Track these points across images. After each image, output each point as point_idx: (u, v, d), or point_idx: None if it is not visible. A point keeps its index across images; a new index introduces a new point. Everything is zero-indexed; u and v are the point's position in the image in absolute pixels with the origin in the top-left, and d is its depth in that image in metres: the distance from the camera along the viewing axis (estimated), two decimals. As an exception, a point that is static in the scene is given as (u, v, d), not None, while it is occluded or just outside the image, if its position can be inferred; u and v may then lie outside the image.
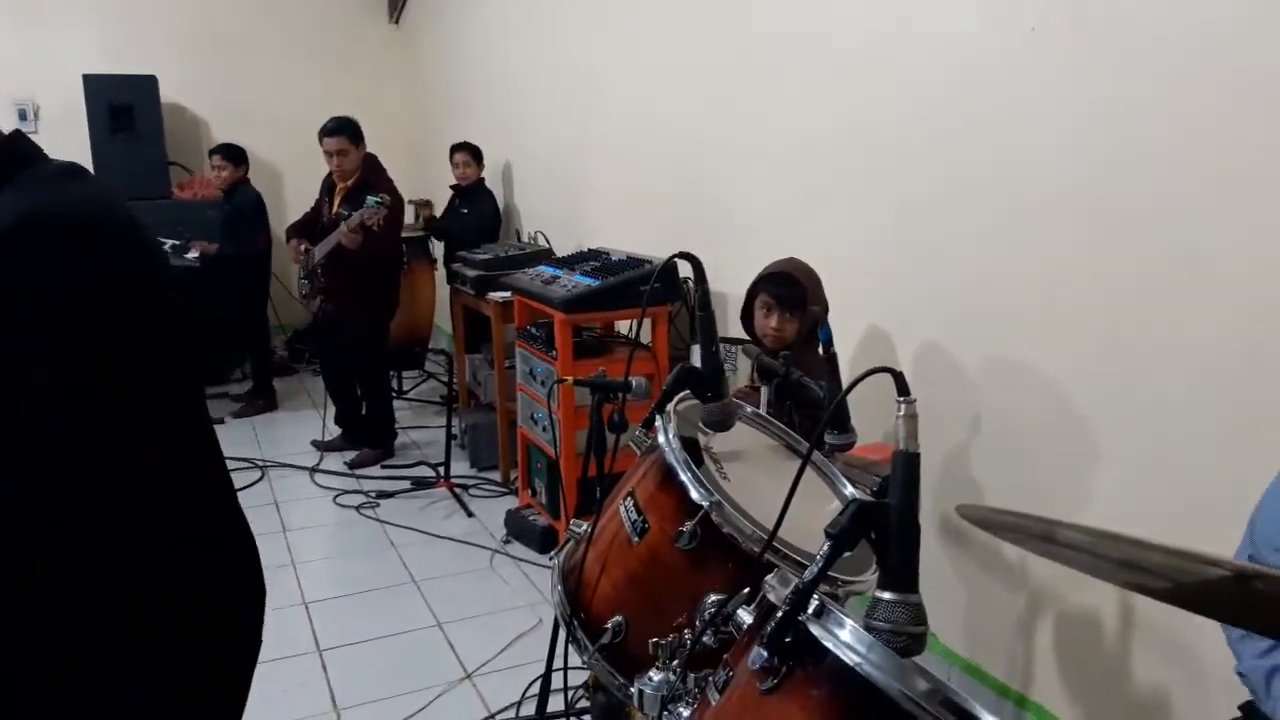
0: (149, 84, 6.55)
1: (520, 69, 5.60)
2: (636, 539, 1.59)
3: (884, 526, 1.21)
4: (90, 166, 6.07)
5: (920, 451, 1.20)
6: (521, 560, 3.76)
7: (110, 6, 6.91)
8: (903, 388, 1.22)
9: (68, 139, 5.97)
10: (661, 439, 1.61)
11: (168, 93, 6.76)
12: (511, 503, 4.29)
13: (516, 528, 3.95)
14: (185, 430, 1.19)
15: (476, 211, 5.55)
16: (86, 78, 6.35)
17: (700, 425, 1.73)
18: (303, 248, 4.86)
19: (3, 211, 1.02)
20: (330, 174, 4.82)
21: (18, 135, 1.18)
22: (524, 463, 4.13)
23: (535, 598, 3.45)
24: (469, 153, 5.54)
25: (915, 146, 2.61)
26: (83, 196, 1.07)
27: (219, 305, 5.60)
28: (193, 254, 5.86)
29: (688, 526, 1.49)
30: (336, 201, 4.77)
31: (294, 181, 7.31)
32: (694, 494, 1.51)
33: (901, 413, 1.20)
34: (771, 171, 3.26)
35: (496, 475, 4.68)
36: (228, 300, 5.70)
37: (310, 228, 4.93)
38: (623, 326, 4.06)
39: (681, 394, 1.73)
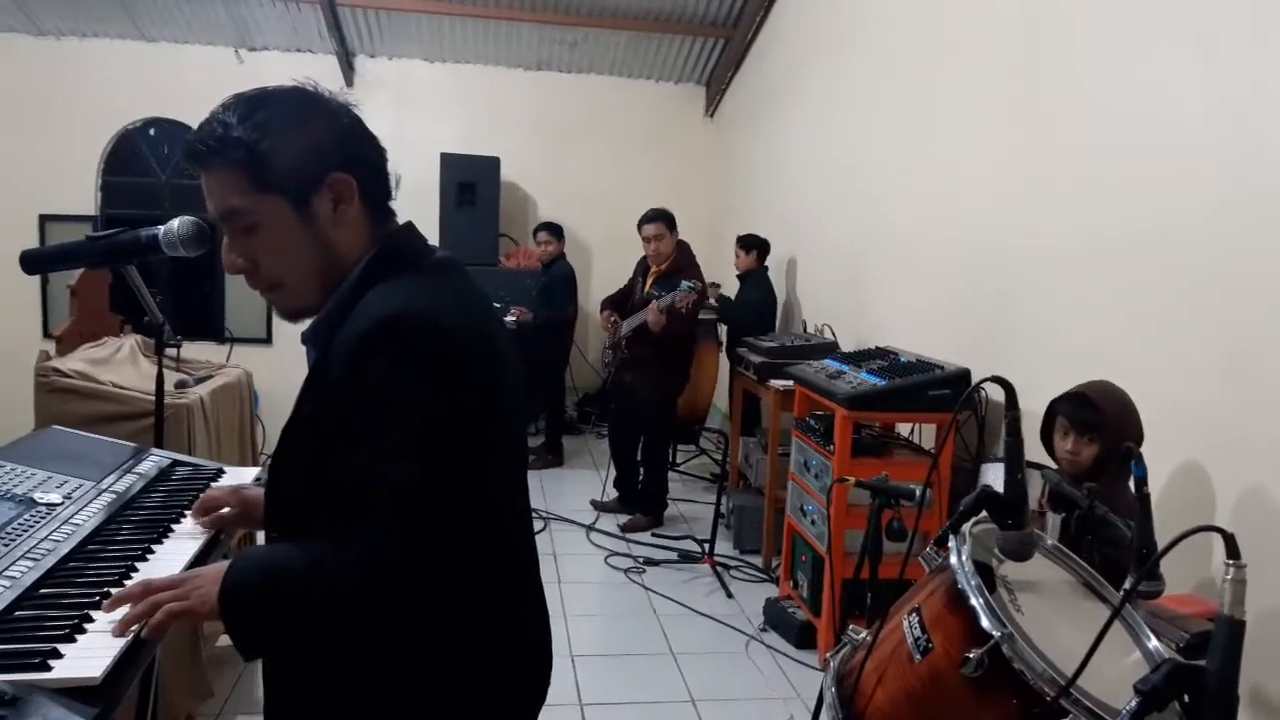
0: (492, 164, 7.40)
1: (811, 166, 5.78)
2: (919, 656, 1.59)
3: (1199, 692, 1.15)
4: (437, 232, 6.96)
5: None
6: (777, 651, 3.77)
7: (470, 98, 7.90)
8: (1233, 550, 1.17)
9: (421, 207, 6.85)
10: (954, 560, 1.61)
11: (506, 172, 7.59)
12: (771, 590, 4.32)
13: (775, 618, 3.97)
14: (507, 487, 1.37)
15: (746, 298, 5.76)
16: (444, 155, 7.29)
17: (996, 552, 1.70)
18: (612, 319, 5.28)
19: (374, 305, 1.22)
20: (645, 256, 5.22)
21: (407, 231, 1.38)
22: (788, 553, 4.15)
23: (787, 691, 3.44)
24: (741, 245, 5.82)
25: (1272, 263, 2.35)
26: (436, 303, 1.24)
27: (526, 367, 6.14)
28: (510, 318, 6.50)
29: (975, 654, 1.47)
30: (649, 282, 5.16)
31: (603, 259, 7.90)
32: (984, 621, 1.50)
33: (1230, 576, 1.15)
34: (1085, 283, 3.10)
35: (758, 560, 4.73)
36: (534, 362, 6.25)
37: (622, 302, 5.35)
38: (903, 429, 4.01)
39: (978, 516, 1.72)
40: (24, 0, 6.72)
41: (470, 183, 7.28)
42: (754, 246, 5.81)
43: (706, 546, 4.64)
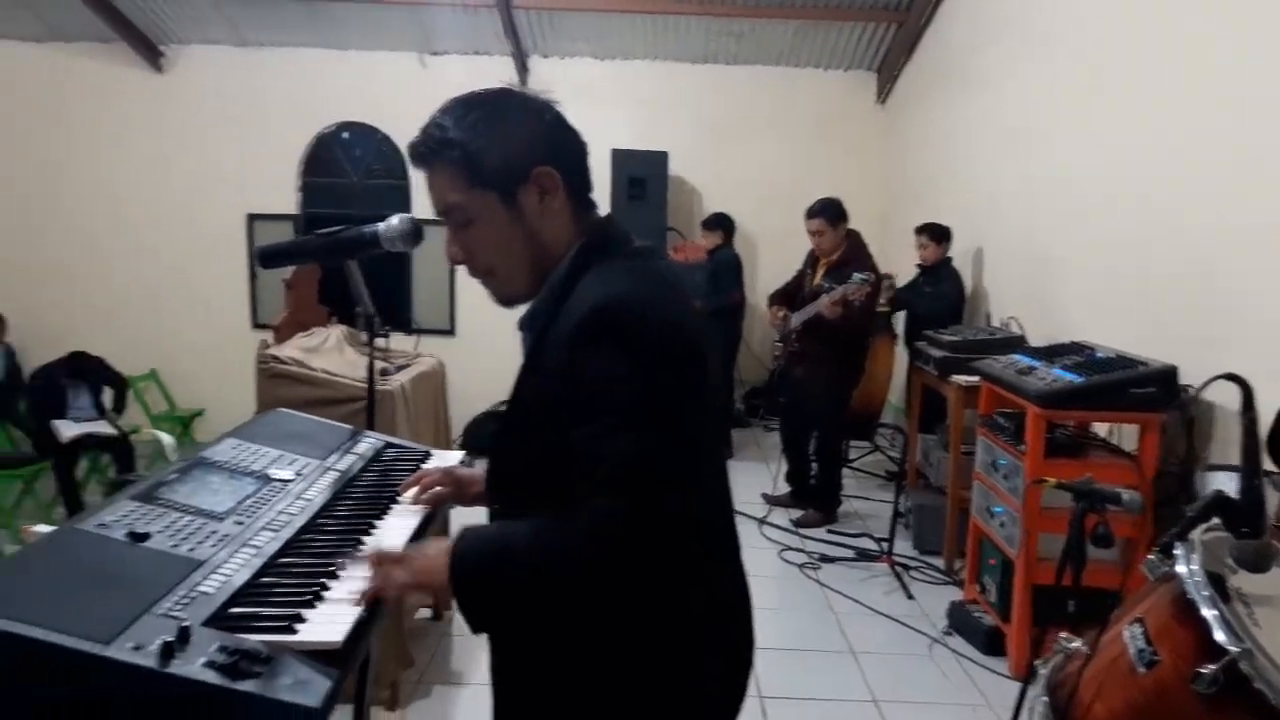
0: (661, 159, 7.47)
1: (992, 151, 5.50)
2: (1143, 669, 1.49)
3: None
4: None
5: None
6: (962, 656, 3.63)
7: (638, 93, 8.00)
8: None
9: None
10: (1182, 569, 1.51)
11: (674, 166, 7.64)
12: (953, 592, 4.16)
13: (960, 621, 3.83)
14: (714, 468, 1.41)
15: (939, 291, 5.53)
16: (614, 151, 7.41)
17: (1229, 562, 1.58)
18: (781, 314, 5.21)
19: (587, 293, 1.28)
20: (814, 249, 5.13)
21: (609, 222, 1.44)
22: (974, 555, 3.99)
23: (974, 698, 3.31)
24: (929, 234, 5.57)
25: None
26: (645, 291, 1.29)
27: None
28: (680, 309, 6.56)
29: (1209, 670, 1.37)
30: (819, 274, 5.06)
31: (770, 252, 7.83)
32: (1219, 635, 1.39)
33: None
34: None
35: (939, 561, 4.57)
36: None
37: (791, 296, 5.27)
38: (1098, 429, 3.77)
39: (1209, 523, 1.60)
40: (230, 14, 7.30)
41: (640, 177, 7.37)
42: (943, 236, 5.59)
43: (885, 545, 4.52)
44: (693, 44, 7.73)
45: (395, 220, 1.80)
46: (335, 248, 1.84)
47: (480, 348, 7.12)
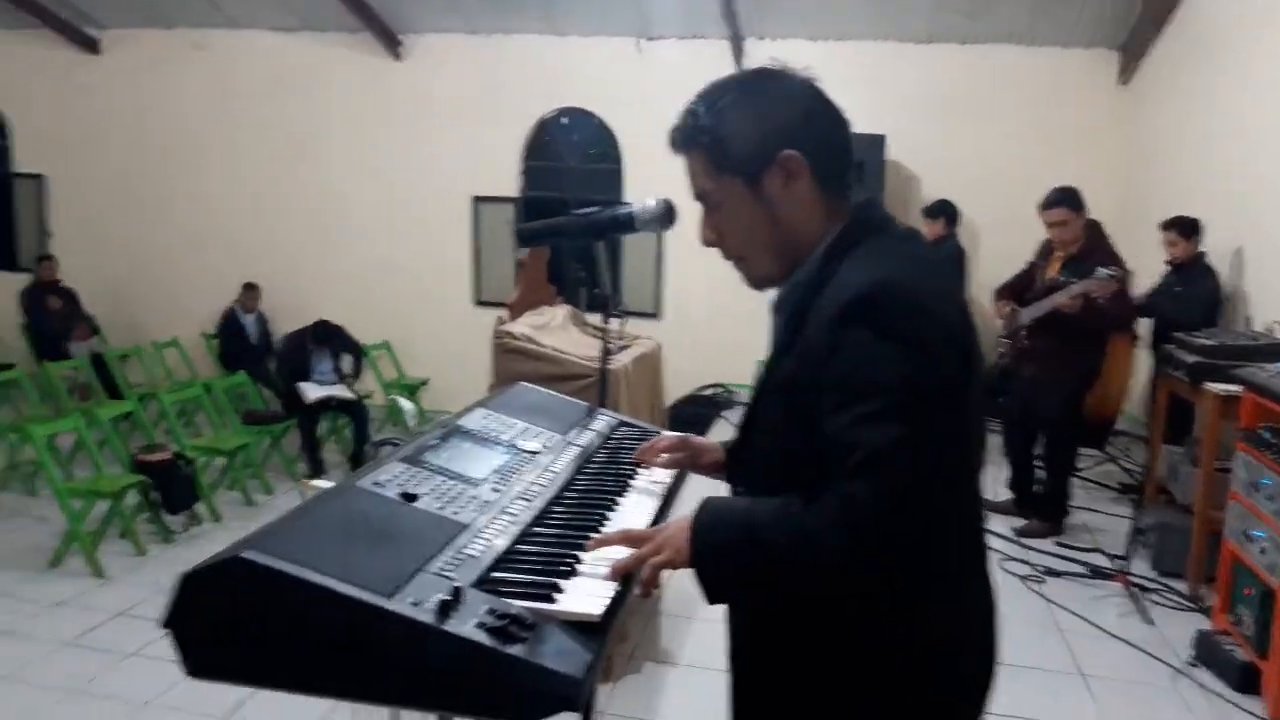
0: (878, 143, 7.22)
1: (1262, 141, 4.90)
2: None
3: None
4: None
5: None
6: (1210, 691, 3.30)
7: (855, 75, 7.74)
8: None
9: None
10: None
11: (891, 151, 7.37)
12: (1198, 620, 3.79)
13: (1208, 653, 3.48)
14: (971, 470, 1.35)
15: (1191, 291, 5.03)
16: (831, 137, 7.24)
17: None
18: (1008, 309, 4.90)
19: (853, 276, 1.26)
20: (1047, 240, 4.79)
21: (871, 204, 1.40)
22: (1226, 582, 3.61)
23: (1225, 739, 3.00)
24: (1178, 229, 5.07)
25: None
26: (915, 276, 1.26)
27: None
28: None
29: None
30: (1054, 267, 4.72)
31: (994, 242, 7.41)
32: None
33: None
34: None
35: (1182, 585, 4.18)
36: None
37: (1019, 290, 4.95)
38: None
39: None
40: (460, 4, 7.67)
41: (857, 163, 7.13)
42: (1193, 231, 5.08)
43: (1120, 563, 4.18)
44: (917, 23, 7.41)
45: (651, 202, 1.82)
46: (591, 228, 1.88)
47: (685, 331, 7.19)
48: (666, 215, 1.81)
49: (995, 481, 5.16)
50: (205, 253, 8.53)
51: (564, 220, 1.91)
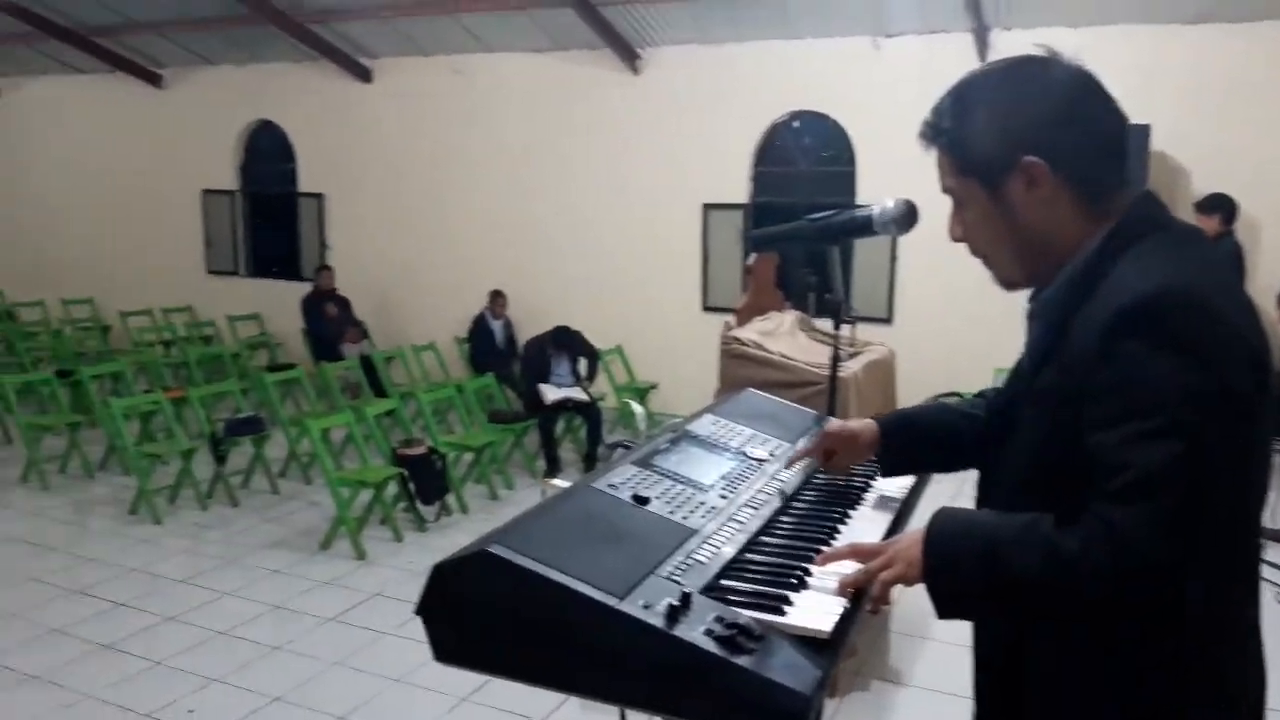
0: (1141, 134, 6.59)
1: None
2: None
3: None
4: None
5: None
6: None
7: (1117, 62, 7.10)
8: None
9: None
10: None
11: (1156, 142, 6.71)
12: None
13: None
14: (1256, 499, 1.21)
15: None
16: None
17: None
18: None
19: (1128, 279, 1.15)
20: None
21: (1148, 200, 1.27)
22: None
23: None
24: None
25: None
26: (1202, 281, 1.14)
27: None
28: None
29: None
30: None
31: (1274, 238, 6.60)
32: None
33: None
34: None
35: None
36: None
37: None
38: None
39: None
40: (698, 14, 7.77)
41: (1117, 155, 6.58)
42: None
43: None
44: (1186, 2, 6.72)
45: (891, 203, 1.76)
46: (826, 232, 1.85)
47: (919, 338, 6.91)
48: (907, 217, 1.75)
49: (1274, 506, 4.56)
50: (459, 262, 9.18)
51: (798, 225, 1.89)
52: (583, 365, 7.23)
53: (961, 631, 1.36)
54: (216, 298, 10.34)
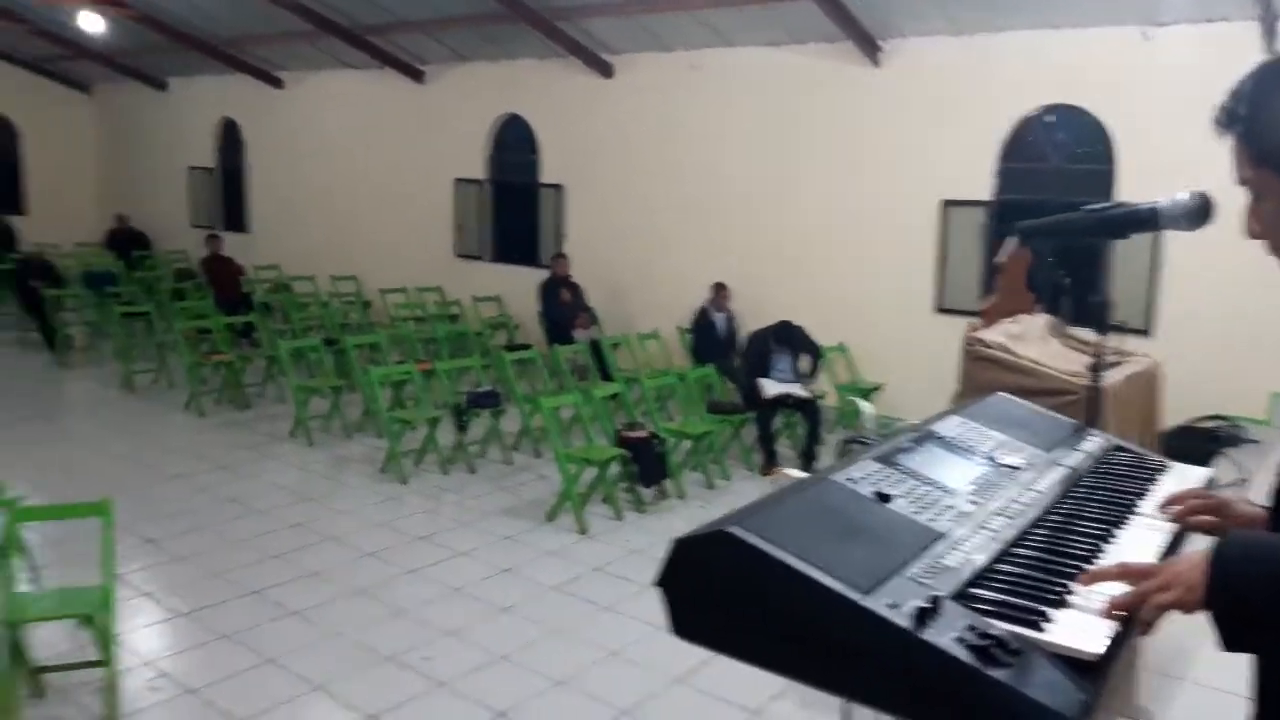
0: None
1: None
2: None
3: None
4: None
5: None
6: None
7: None
8: None
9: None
10: None
11: None
12: None
13: None
14: None
15: None
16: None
17: None
18: None
19: None
20: None
21: None
22: None
23: None
24: None
25: None
26: None
27: None
28: None
29: None
30: None
31: None
32: None
33: None
34: None
35: None
36: None
37: None
38: None
39: None
40: (949, 4, 7.42)
41: None
42: None
43: None
44: None
45: (1183, 195, 1.59)
46: (1104, 225, 1.71)
47: (1184, 352, 6.27)
48: (1201, 211, 1.58)
49: None
50: (685, 253, 9.32)
51: (1073, 216, 1.75)
52: (804, 362, 7.14)
53: (1222, 673, 1.22)
54: (463, 280, 11.07)
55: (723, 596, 1.27)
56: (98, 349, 10.11)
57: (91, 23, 9.83)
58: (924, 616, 1.12)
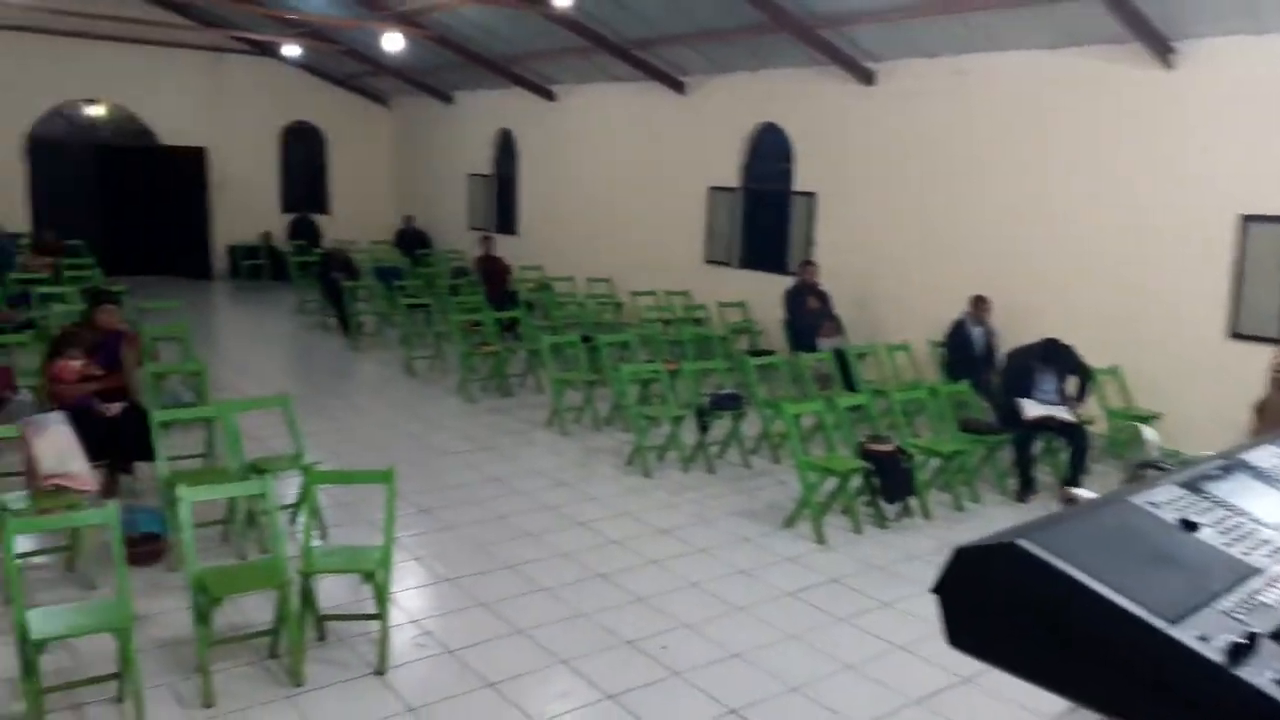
0: None
1: None
2: None
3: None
4: None
5: None
6: None
7: None
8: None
9: None
10: None
11: None
12: None
13: None
14: None
15: None
16: None
17: None
18: None
19: None
20: None
21: None
22: None
23: None
24: None
25: None
26: None
27: None
28: None
29: None
30: None
31: None
32: None
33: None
34: None
35: None
36: None
37: None
38: None
39: None
40: (1251, 1, 6.66)
41: None
42: None
43: None
44: None
45: None
46: None
47: None
48: None
49: None
50: (941, 264, 8.97)
51: None
52: (1071, 383, 6.66)
53: None
54: (711, 284, 11.26)
55: (1005, 610, 1.24)
56: (384, 335, 11.19)
57: (393, 43, 10.89)
58: (1239, 653, 1.04)
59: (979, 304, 8.01)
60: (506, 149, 14.97)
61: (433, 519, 5.53)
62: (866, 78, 9.53)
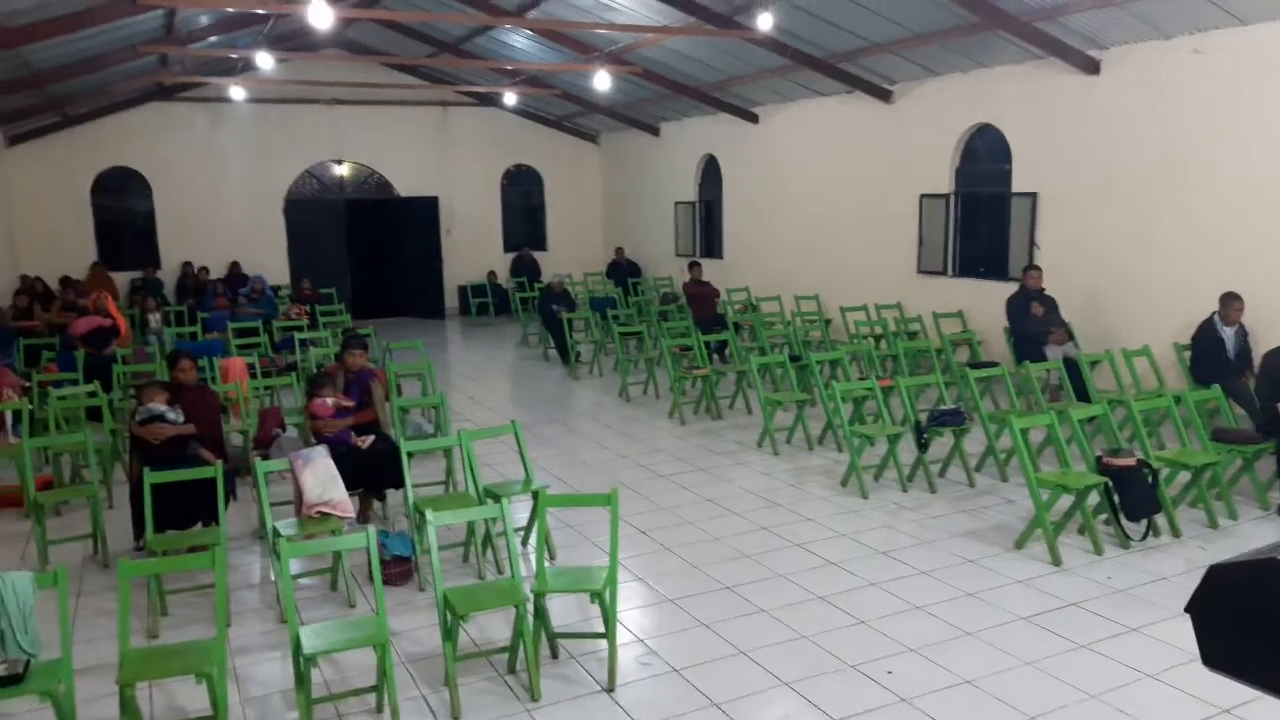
0: None
1: None
2: None
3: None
4: None
5: None
6: None
7: None
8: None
9: None
10: None
11: None
12: None
13: None
14: None
15: None
16: None
17: None
18: None
19: None
20: None
21: None
22: None
23: None
24: None
25: None
26: None
27: None
28: None
29: None
30: None
31: None
32: None
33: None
34: None
35: None
36: None
37: None
38: None
39: None
40: None
41: None
42: None
43: None
44: None
45: None
46: None
47: None
48: None
49: None
50: (1185, 262, 8.23)
51: None
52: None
53: None
54: (924, 295, 10.91)
55: (1266, 629, 1.18)
56: (600, 363, 11.66)
57: (602, 81, 11.38)
58: None
59: (1231, 302, 7.28)
60: (711, 174, 15.21)
61: (651, 540, 5.70)
62: (1090, 67, 8.94)
